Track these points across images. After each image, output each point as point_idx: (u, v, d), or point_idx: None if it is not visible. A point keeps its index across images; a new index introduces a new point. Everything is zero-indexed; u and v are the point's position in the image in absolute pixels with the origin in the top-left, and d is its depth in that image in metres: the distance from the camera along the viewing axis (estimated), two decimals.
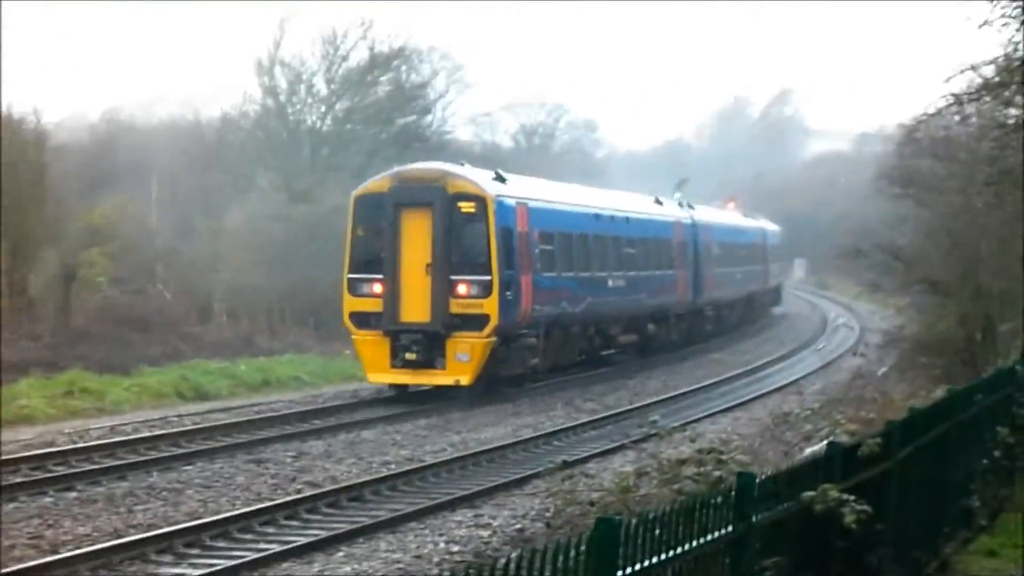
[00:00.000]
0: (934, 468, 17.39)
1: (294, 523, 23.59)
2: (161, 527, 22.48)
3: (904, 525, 15.37)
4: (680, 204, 62.15)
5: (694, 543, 9.44)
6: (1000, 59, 18.41)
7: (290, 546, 21.42)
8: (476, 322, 38.36)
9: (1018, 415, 24.21)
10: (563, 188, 50.61)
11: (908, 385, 35.65)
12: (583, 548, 7.88)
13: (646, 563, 8.66)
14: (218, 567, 19.98)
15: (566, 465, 15.53)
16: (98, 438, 31.05)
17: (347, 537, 22.31)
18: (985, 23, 17.22)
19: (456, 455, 30.43)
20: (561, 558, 7.66)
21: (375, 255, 39.15)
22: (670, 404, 41.06)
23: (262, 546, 21.62)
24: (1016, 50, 17.93)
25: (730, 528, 10.07)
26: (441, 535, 23.06)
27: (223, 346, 49.04)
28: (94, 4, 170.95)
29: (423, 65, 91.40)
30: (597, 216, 48.29)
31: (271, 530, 22.98)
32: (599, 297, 47.22)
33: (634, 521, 8.56)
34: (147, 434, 31.73)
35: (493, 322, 38.55)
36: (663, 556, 8.93)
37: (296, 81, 74.78)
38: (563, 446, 32.71)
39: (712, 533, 9.76)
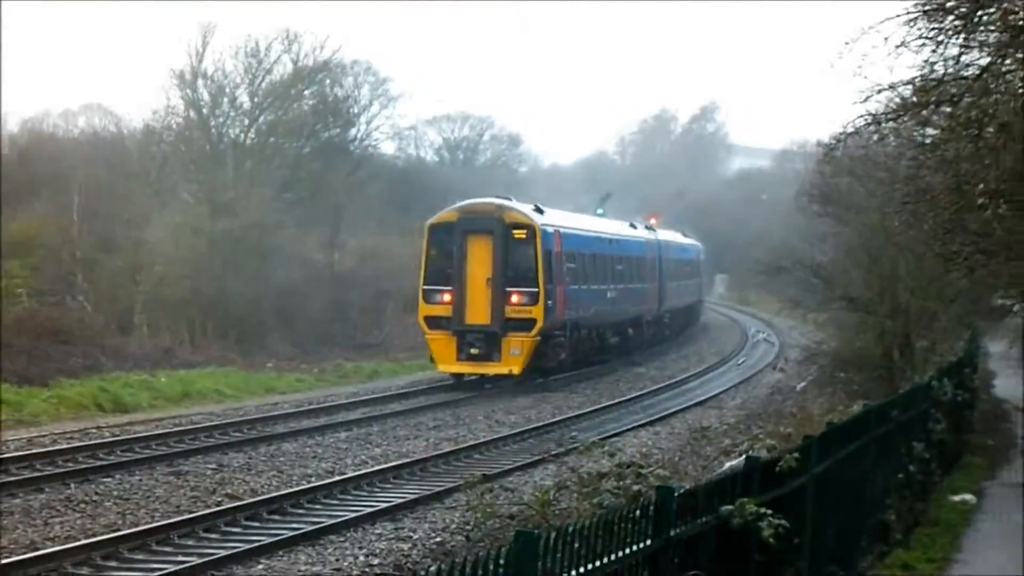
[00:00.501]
0: (851, 482, 17.55)
1: (213, 536, 23.49)
2: (79, 540, 22.32)
3: (821, 539, 15.51)
4: (648, 227, 71.28)
5: (612, 556, 9.48)
6: (917, 79, 18.61)
7: (209, 559, 21.33)
8: (526, 324, 47.27)
9: (933, 431, 24.51)
10: (579, 217, 60.59)
11: (826, 400, 35.94)
12: (502, 561, 7.91)
13: None
14: None
15: (486, 479, 15.56)
16: (15, 450, 30.74)
17: (267, 550, 22.25)
18: (902, 44, 17.40)
19: (377, 468, 30.42)
20: (481, 571, 7.70)
21: (444, 271, 47.76)
22: (592, 418, 41.20)
23: (181, 559, 21.52)
24: (932, 71, 18.13)
25: (648, 542, 10.13)
26: (361, 548, 23.04)
27: (144, 358, 48.74)
28: (9, 11, 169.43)
29: (347, 78, 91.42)
30: (600, 239, 57.67)
31: (190, 542, 22.88)
32: (602, 305, 56.05)
33: (553, 534, 8.59)
34: (65, 446, 31.46)
35: (539, 324, 47.40)
36: (582, 569, 8.97)
37: (219, 94, 74.50)
38: (484, 459, 32.76)
39: (631, 547, 9.81)
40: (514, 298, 47.37)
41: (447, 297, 47.63)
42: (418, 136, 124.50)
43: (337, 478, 29.00)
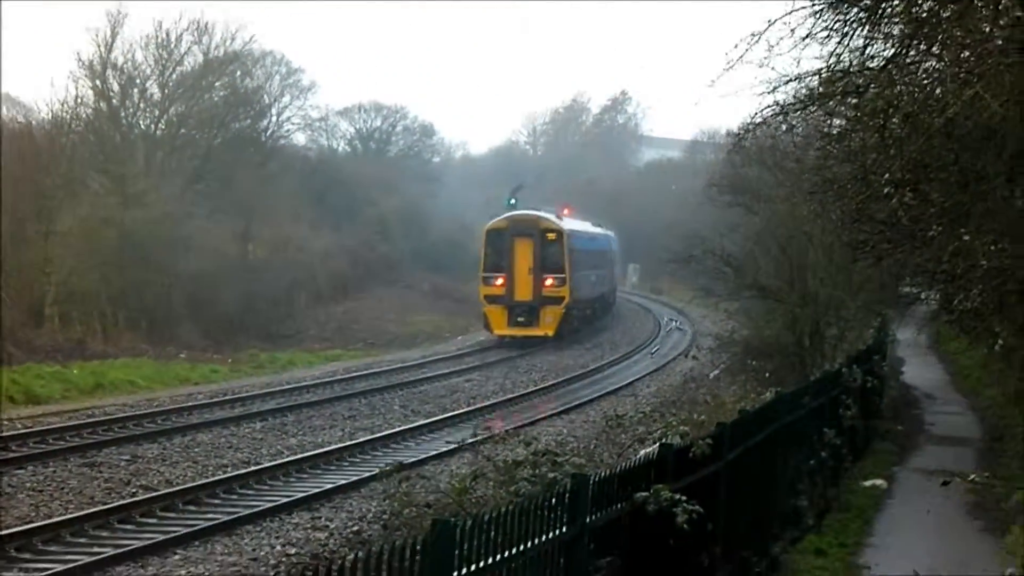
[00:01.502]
0: (763, 469, 17.79)
1: (128, 527, 23.45)
2: None
3: (734, 524, 15.72)
4: (599, 224, 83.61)
5: (529, 544, 9.60)
6: (823, 71, 18.84)
7: (124, 550, 21.30)
8: (556, 300, 64.05)
9: (844, 417, 24.84)
10: (577, 220, 75.62)
11: (739, 388, 36.26)
12: (419, 549, 8.02)
13: (481, 564, 8.82)
14: (50, 571, 19.83)
15: (402, 467, 15.68)
16: None
17: (183, 540, 22.25)
18: (808, 35, 17.62)
19: (293, 458, 30.43)
20: (397, 560, 7.79)
21: (498, 262, 64.04)
22: (507, 407, 41.37)
23: (96, 550, 21.48)
24: (838, 62, 18.38)
25: (564, 529, 10.26)
26: (278, 538, 23.09)
27: (55, 350, 48.44)
28: None
29: (258, 69, 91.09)
30: (588, 237, 75.20)
31: (105, 534, 22.82)
32: (588, 287, 71.76)
33: (469, 523, 8.71)
34: None
35: (566, 300, 64.39)
36: (498, 557, 9.09)
37: (129, 85, 73.97)
38: (400, 448, 32.85)
39: (547, 534, 9.94)
40: (548, 281, 63.84)
41: (500, 281, 63.53)
42: (330, 127, 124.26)
43: (253, 468, 28.99)
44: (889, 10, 17.67)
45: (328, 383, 46.13)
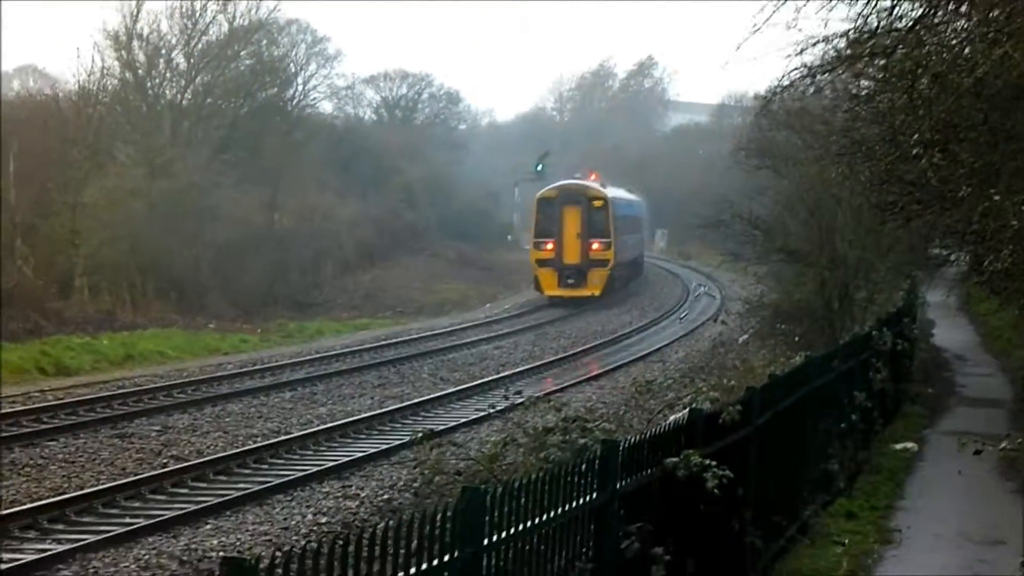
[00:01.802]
0: (793, 433, 17.74)
1: (160, 497, 23.55)
2: (24, 503, 22.32)
3: (764, 489, 15.69)
4: (616, 187, 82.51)
5: (559, 510, 9.59)
6: (851, 32, 18.73)
7: (156, 520, 21.39)
8: (602, 263, 68.71)
9: (874, 380, 24.74)
10: (620, 188, 79.99)
11: (768, 352, 36.13)
12: (450, 516, 8.00)
13: (512, 531, 8.81)
14: (83, 542, 19.91)
15: (433, 435, 15.66)
16: None
17: (214, 510, 22.33)
18: None
19: (323, 427, 30.49)
20: (429, 527, 7.78)
21: (548, 228, 68.53)
22: (536, 373, 41.37)
23: (128, 520, 21.57)
24: (866, 23, 18.26)
25: (595, 495, 10.24)
26: (309, 507, 23.14)
27: (85, 321, 48.56)
28: None
29: (283, 38, 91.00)
30: (626, 203, 79.24)
31: (137, 504, 22.93)
32: (628, 250, 76.18)
33: (500, 490, 8.69)
34: (8, 410, 31.28)
35: (611, 263, 69.27)
36: (529, 524, 9.08)
37: (155, 55, 73.95)
38: (430, 416, 32.88)
39: (577, 500, 9.92)
40: (595, 246, 68.53)
41: (550, 246, 68.20)
42: (356, 95, 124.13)
43: (283, 437, 29.07)
44: None
45: (357, 352, 46.20)
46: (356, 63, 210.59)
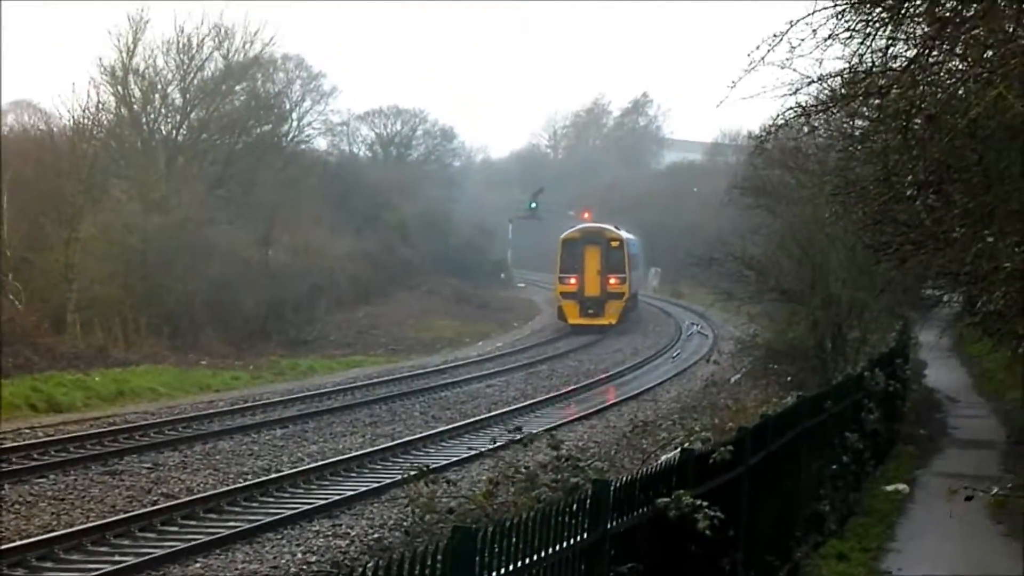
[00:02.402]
0: (785, 474, 17.69)
1: (150, 535, 23.45)
2: (13, 541, 22.22)
3: (756, 530, 15.63)
4: (625, 231, 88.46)
5: (550, 550, 9.53)
6: (846, 71, 18.71)
7: (145, 558, 21.29)
8: (619, 295, 77.73)
9: (866, 421, 24.70)
10: (622, 230, 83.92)
11: (761, 392, 36.13)
12: (440, 556, 7.95)
13: (503, 571, 8.75)
14: None
15: (423, 473, 15.62)
16: None
17: (203, 548, 22.23)
18: (831, 36, 17.50)
19: (314, 465, 30.40)
20: (419, 566, 7.73)
21: (572, 265, 77.17)
22: (529, 412, 41.29)
23: (117, 558, 21.48)
24: (861, 63, 18.25)
25: (585, 535, 10.19)
26: (299, 545, 23.05)
27: (77, 357, 48.42)
28: None
29: (278, 74, 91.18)
30: (633, 242, 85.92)
31: (126, 542, 22.83)
32: (636, 284, 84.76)
33: (491, 529, 8.64)
34: None
35: (625, 296, 78.54)
36: (520, 563, 9.02)
37: (151, 91, 74.02)
38: (420, 455, 32.78)
39: (568, 540, 9.87)
40: (612, 280, 77.38)
41: (573, 280, 76.79)
42: (350, 132, 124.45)
43: (274, 475, 28.99)
44: (912, 10, 17.54)
45: (349, 389, 46.12)
46: (351, 99, 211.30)
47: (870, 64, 18.45)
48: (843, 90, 19.26)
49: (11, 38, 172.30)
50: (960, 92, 16.77)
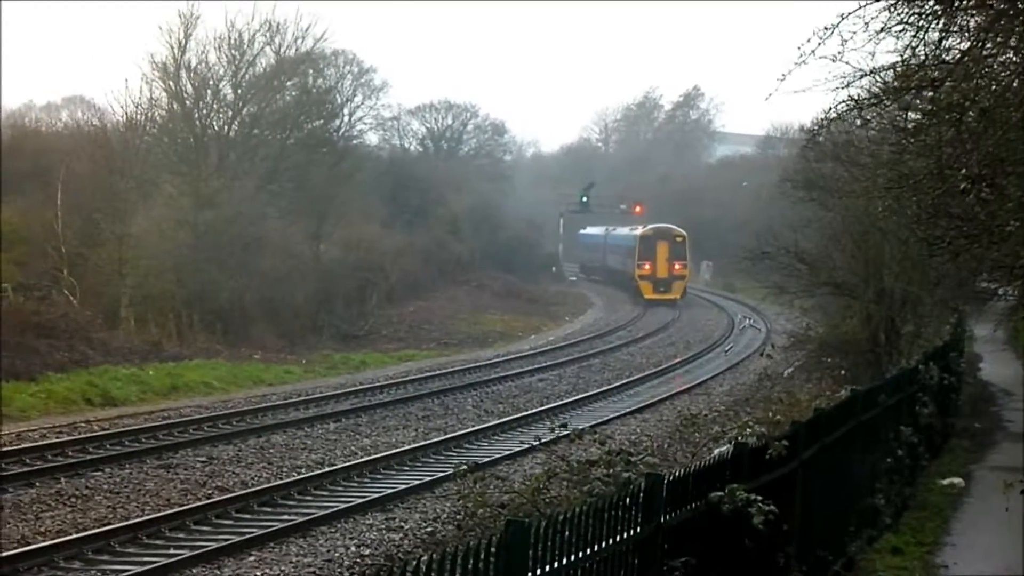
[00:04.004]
0: (839, 467, 17.63)
1: (204, 528, 23.59)
2: (70, 534, 22.39)
3: (810, 524, 15.59)
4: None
5: (603, 544, 9.54)
6: (898, 64, 18.63)
7: (200, 551, 21.41)
8: (681, 277, 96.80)
9: (921, 415, 24.59)
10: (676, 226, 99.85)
11: (814, 385, 36.02)
12: (493, 550, 7.97)
13: (556, 564, 8.77)
14: (128, 573, 19.95)
15: (476, 467, 15.65)
16: (5, 445, 30.70)
17: (258, 542, 22.35)
18: (883, 29, 17.43)
19: (367, 458, 30.49)
20: (472, 560, 7.75)
21: (647, 255, 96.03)
22: (581, 406, 41.29)
23: (172, 551, 21.61)
24: (913, 55, 18.16)
25: (638, 529, 10.19)
26: (352, 539, 23.14)
27: (131, 352, 48.66)
28: None
29: (329, 69, 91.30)
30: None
31: (181, 535, 22.98)
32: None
33: (543, 523, 8.65)
34: (54, 440, 31.48)
35: (687, 278, 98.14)
36: (572, 557, 9.03)
37: (202, 86, 74.25)
38: (473, 448, 32.85)
39: (621, 534, 9.87)
40: (676, 266, 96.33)
41: (647, 266, 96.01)
42: (401, 126, 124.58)
43: (327, 469, 29.09)
44: (965, 3, 17.45)
45: (401, 383, 46.22)
46: (402, 94, 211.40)
47: (923, 57, 18.37)
48: (896, 83, 19.17)
49: (66, 35, 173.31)
50: (1014, 85, 16.69)
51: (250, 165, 75.04)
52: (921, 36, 17.95)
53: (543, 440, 24.00)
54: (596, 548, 9.41)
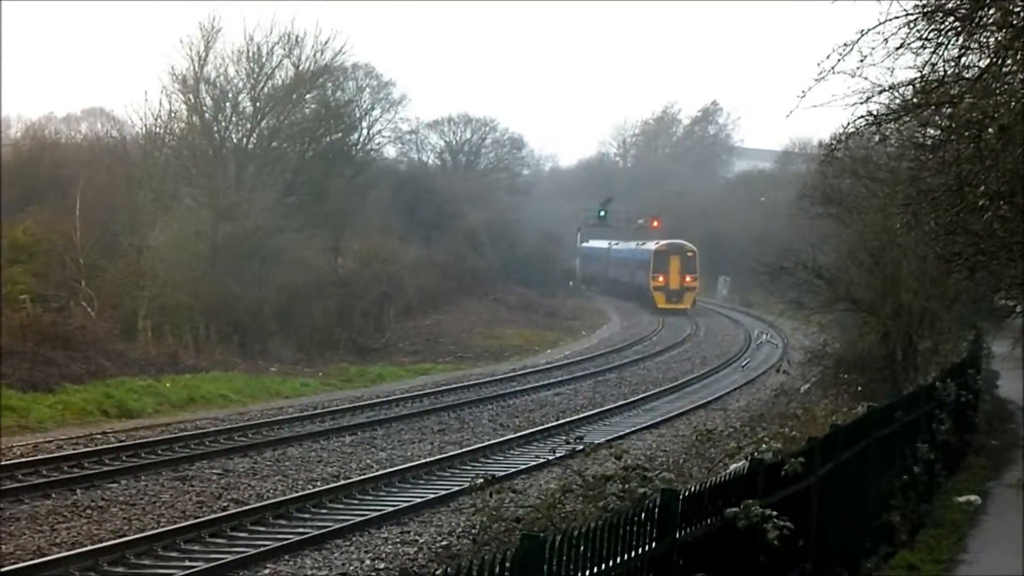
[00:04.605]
0: (855, 484, 17.59)
1: (220, 540, 23.58)
2: (85, 545, 22.41)
3: (826, 540, 15.55)
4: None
5: (618, 559, 9.52)
6: (917, 81, 18.62)
7: (215, 563, 21.41)
8: (692, 289, 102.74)
9: (938, 432, 24.51)
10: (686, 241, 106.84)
11: (831, 402, 35.93)
12: (508, 564, 7.95)
13: None
14: None
15: (492, 481, 15.63)
16: (21, 456, 30.79)
17: (272, 554, 22.34)
18: (902, 45, 17.42)
19: (382, 472, 30.48)
20: (487, 574, 7.74)
21: (661, 268, 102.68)
22: (597, 420, 41.26)
23: (187, 564, 21.61)
24: (933, 72, 18.16)
25: (654, 545, 10.16)
26: (367, 552, 23.12)
27: (148, 364, 48.72)
28: (11, 12, 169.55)
29: (348, 82, 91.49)
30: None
31: (196, 548, 22.97)
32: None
33: (558, 538, 8.64)
34: (71, 452, 31.50)
35: (696, 289, 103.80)
36: (587, 573, 9.02)
37: (222, 99, 74.44)
38: (488, 463, 32.82)
39: (636, 550, 9.85)
40: (687, 278, 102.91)
41: (661, 278, 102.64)
42: (420, 140, 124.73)
43: (342, 482, 29.08)
44: (985, 19, 17.43)
45: (417, 396, 46.20)
46: (420, 107, 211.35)
47: (942, 73, 18.37)
48: (915, 99, 19.17)
49: (85, 45, 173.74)
50: None
51: (268, 178, 75.16)
52: (940, 53, 17.96)
53: (559, 454, 24.00)
54: (611, 563, 9.40)
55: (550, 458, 29.61)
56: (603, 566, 9.27)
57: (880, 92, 19.61)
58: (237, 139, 75.71)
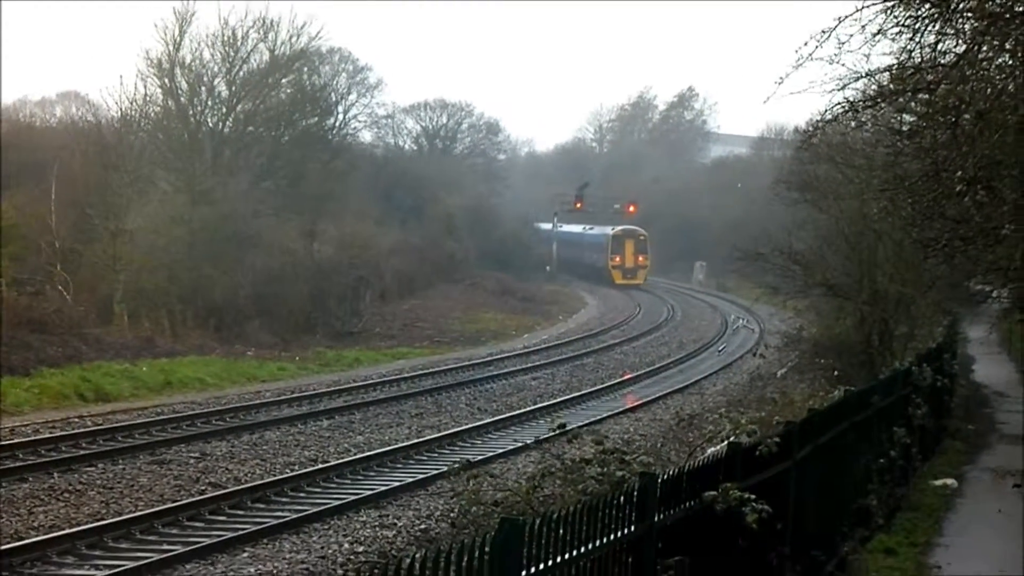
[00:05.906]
0: (832, 468, 17.66)
1: (197, 524, 23.59)
2: (63, 529, 22.40)
3: (803, 524, 15.61)
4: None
5: (597, 543, 9.55)
6: (894, 67, 18.68)
7: (193, 547, 21.43)
8: (644, 267, 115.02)
9: (914, 416, 24.61)
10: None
11: (807, 386, 36.06)
12: (487, 548, 7.98)
13: (550, 563, 8.78)
14: (120, 568, 19.95)
15: (470, 465, 15.67)
16: None
17: (251, 538, 22.36)
18: (880, 32, 17.46)
19: (360, 456, 30.50)
20: (466, 558, 7.76)
21: (617, 249, 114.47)
22: (574, 404, 41.31)
23: (165, 547, 21.63)
24: (909, 58, 18.20)
25: (632, 528, 10.20)
26: (346, 536, 23.15)
27: (124, 348, 48.62)
28: None
29: (324, 67, 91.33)
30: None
31: (174, 531, 22.99)
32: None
33: (537, 521, 8.66)
34: (48, 435, 31.46)
35: (648, 267, 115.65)
36: (566, 556, 9.04)
37: (197, 83, 74.25)
38: (466, 446, 32.86)
39: (614, 533, 9.88)
40: (640, 258, 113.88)
41: (617, 258, 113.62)
42: (396, 125, 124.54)
43: (320, 466, 29.10)
44: (961, 6, 17.48)
45: (394, 381, 46.22)
46: (397, 92, 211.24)
47: (919, 60, 18.42)
48: (891, 85, 19.22)
49: (60, 30, 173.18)
50: (1010, 88, 16.72)
51: (244, 162, 75.05)
52: (917, 39, 18.00)
53: (539, 439, 24.06)
54: (590, 547, 9.42)
55: (529, 442, 29.73)
56: (582, 549, 9.29)
57: (857, 79, 19.68)
58: (213, 123, 75.55)
